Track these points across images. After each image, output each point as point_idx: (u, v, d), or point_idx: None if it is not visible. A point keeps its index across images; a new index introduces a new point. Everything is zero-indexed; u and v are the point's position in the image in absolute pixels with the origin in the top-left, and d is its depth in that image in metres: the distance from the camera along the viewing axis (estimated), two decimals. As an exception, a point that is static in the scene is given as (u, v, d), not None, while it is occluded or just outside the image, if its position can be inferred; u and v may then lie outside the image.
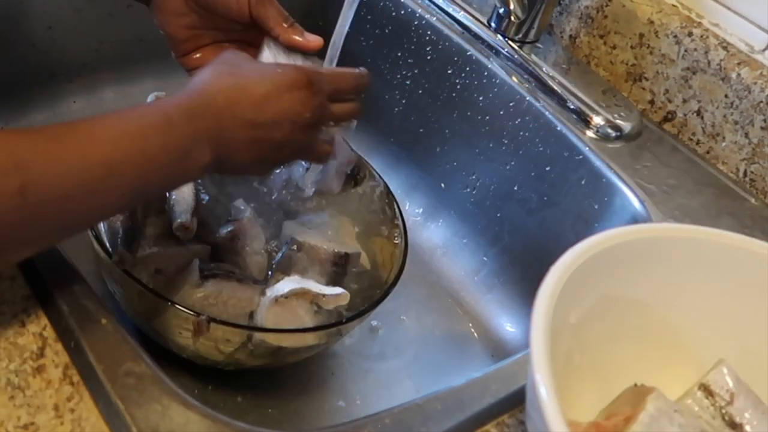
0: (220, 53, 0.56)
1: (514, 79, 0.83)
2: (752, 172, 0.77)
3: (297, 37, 0.60)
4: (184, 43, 0.63)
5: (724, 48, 0.76)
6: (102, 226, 0.63)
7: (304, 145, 0.56)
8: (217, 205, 0.69)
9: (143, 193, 0.49)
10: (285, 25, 0.60)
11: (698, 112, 0.80)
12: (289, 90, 0.52)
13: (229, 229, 0.64)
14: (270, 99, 0.52)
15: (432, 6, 0.89)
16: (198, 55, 0.63)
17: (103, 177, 0.44)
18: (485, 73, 0.84)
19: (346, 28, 0.63)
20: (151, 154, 0.46)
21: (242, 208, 0.67)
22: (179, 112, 0.48)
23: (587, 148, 0.76)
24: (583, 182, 0.76)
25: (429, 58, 0.88)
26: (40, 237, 0.45)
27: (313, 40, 0.61)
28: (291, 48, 0.61)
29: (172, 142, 0.47)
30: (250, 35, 0.63)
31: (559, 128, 0.78)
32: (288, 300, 0.60)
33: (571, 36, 0.88)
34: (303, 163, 0.71)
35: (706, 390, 0.51)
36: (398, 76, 0.91)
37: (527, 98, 0.81)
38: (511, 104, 0.82)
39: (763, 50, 0.77)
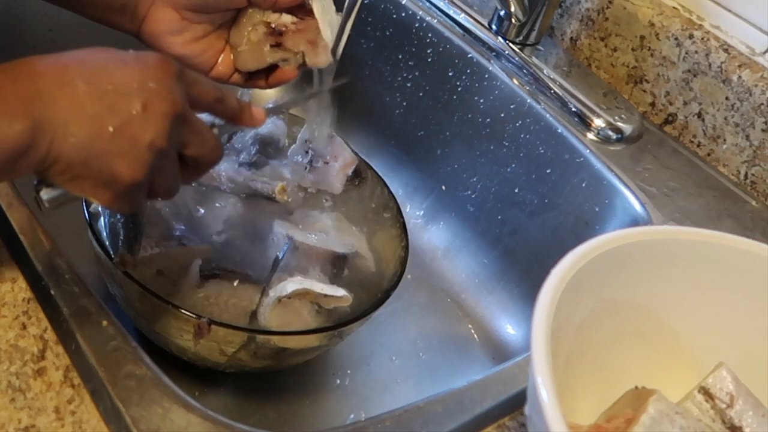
0: None
1: (515, 81, 0.83)
2: (753, 175, 0.77)
3: None
4: (200, 56, 0.58)
5: (725, 50, 0.76)
6: (103, 227, 0.63)
7: (170, 137, 0.44)
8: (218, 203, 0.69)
9: None
10: None
11: (699, 115, 0.80)
12: (154, 67, 0.44)
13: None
14: (119, 65, 0.43)
15: (433, 8, 0.89)
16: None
17: None
18: (486, 76, 0.84)
19: None
20: None
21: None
22: None
23: (588, 151, 0.76)
24: (583, 184, 0.76)
25: (430, 60, 0.88)
26: None
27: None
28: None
29: None
30: None
31: (559, 130, 0.78)
32: (291, 300, 0.60)
33: (572, 38, 0.88)
34: (305, 163, 0.71)
35: (706, 393, 0.51)
36: (399, 79, 0.91)
37: (528, 100, 0.81)
38: (511, 106, 0.82)
39: (764, 53, 0.77)
